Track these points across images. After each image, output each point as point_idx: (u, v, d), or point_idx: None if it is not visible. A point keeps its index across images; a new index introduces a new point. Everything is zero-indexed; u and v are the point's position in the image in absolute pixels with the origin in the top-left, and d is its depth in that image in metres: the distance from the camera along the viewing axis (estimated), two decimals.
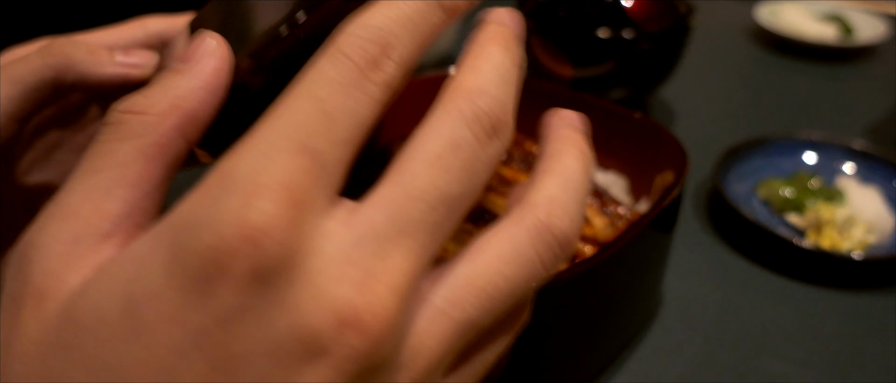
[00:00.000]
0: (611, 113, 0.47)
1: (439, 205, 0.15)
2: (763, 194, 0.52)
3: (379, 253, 0.14)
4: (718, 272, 0.47)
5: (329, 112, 0.15)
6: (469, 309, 0.16)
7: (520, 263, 0.17)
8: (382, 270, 0.14)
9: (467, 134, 0.16)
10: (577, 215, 0.17)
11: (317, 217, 0.14)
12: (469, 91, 0.16)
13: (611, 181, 0.47)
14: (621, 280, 0.36)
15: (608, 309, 0.36)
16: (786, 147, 0.56)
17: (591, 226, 0.42)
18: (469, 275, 0.16)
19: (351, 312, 0.14)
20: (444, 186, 0.15)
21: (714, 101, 0.72)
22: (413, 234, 0.15)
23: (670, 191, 0.37)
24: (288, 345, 0.13)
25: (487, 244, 0.17)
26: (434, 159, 0.15)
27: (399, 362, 0.15)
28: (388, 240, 0.15)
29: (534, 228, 0.17)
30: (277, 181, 0.14)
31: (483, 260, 0.17)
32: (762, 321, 0.43)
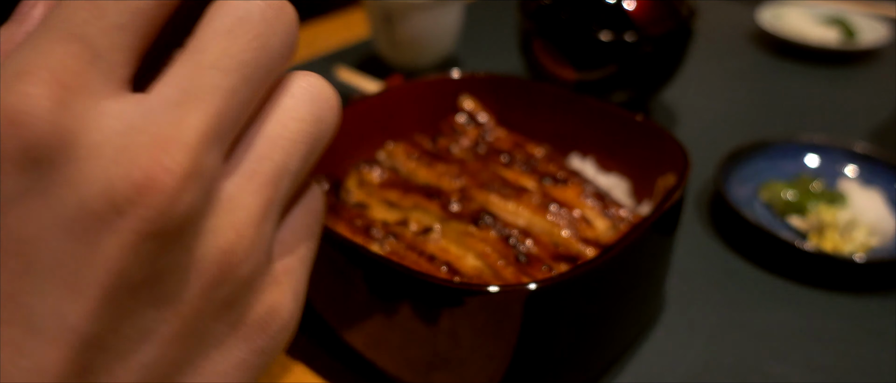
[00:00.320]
0: (613, 116, 0.47)
1: (231, 71, 0.16)
2: (765, 197, 0.52)
3: (171, 119, 0.15)
4: (720, 275, 0.47)
5: (98, 2, 0.15)
6: (276, 157, 0.17)
7: (304, 99, 0.18)
8: (175, 133, 0.14)
9: (256, 8, 0.16)
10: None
11: (95, 98, 0.14)
12: None
13: (613, 184, 0.47)
14: (623, 282, 0.36)
15: (610, 312, 0.36)
16: (788, 150, 0.56)
17: (593, 228, 0.42)
18: (264, 131, 0.17)
19: (142, 174, 0.14)
20: (236, 53, 0.16)
21: (716, 104, 0.72)
22: (205, 98, 0.15)
23: (672, 193, 0.37)
24: (80, 218, 0.14)
25: (271, 101, 0.18)
26: (224, 32, 0.16)
27: (216, 223, 0.16)
28: (179, 106, 0.15)
29: (297, 76, 0.19)
30: (41, 66, 0.14)
31: (271, 114, 0.18)
32: (764, 324, 0.43)
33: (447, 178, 0.45)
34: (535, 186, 0.44)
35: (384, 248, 0.39)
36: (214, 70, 0.15)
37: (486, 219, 0.40)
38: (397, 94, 0.50)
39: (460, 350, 0.33)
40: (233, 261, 0.16)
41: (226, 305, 0.16)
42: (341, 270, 0.35)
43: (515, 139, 0.50)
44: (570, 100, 0.49)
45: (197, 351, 0.16)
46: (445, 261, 0.38)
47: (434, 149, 0.49)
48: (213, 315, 0.16)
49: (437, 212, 0.42)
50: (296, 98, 0.18)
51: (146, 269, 0.14)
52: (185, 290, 0.15)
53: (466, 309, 0.32)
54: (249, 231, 0.16)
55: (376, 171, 0.46)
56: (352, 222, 0.41)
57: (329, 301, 0.38)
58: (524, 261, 0.38)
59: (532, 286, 0.31)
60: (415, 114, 0.51)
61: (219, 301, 0.16)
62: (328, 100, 0.19)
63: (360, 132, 0.48)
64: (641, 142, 0.45)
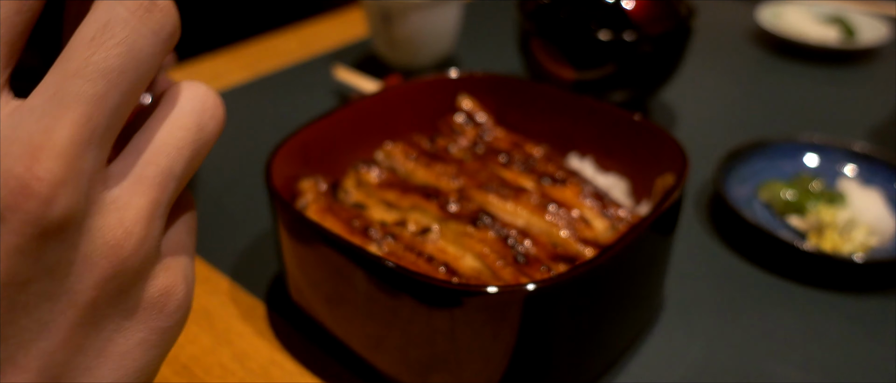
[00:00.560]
0: (611, 115, 0.47)
1: (96, 79, 0.16)
2: (764, 197, 0.52)
3: (41, 127, 0.16)
4: (720, 275, 0.47)
5: None
6: (162, 163, 0.19)
7: (189, 110, 0.20)
8: (45, 141, 0.15)
9: (122, 12, 0.17)
10: None
11: None
12: None
13: (612, 184, 0.47)
14: (622, 283, 0.36)
15: (609, 312, 0.36)
16: (787, 149, 0.56)
17: (592, 228, 0.42)
18: (151, 138, 0.19)
19: (17, 183, 0.15)
20: (99, 61, 0.17)
21: (715, 104, 0.72)
22: (74, 107, 0.16)
23: (671, 193, 0.37)
24: None
25: (159, 109, 0.19)
26: (89, 41, 0.17)
27: (104, 221, 0.17)
28: (48, 115, 0.16)
29: (185, 86, 0.20)
30: None
31: (158, 121, 0.19)
32: (764, 323, 0.43)
33: (445, 179, 0.45)
34: (534, 186, 0.44)
35: (382, 249, 0.39)
36: (78, 78, 0.16)
37: (484, 219, 0.40)
38: (395, 93, 0.50)
39: (459, 350, 0.33)
40: (122, 256, 0.17)
41: (121, 293, 0.18)
42: (339, 271, 0.35)
43: (514, 139, 0.50)
44: (569, 99, 0.49)
45: (98, 336, 0.18)
46: (443, 261, 0.38)
47: (432, 150, 0.49)
48: (110, 302, 0.18)
49: (436, 212, 0.42)
50: (181, 108, 0.20)
51: (34, 268, 0.16)
52: (78, 283, 0.17)
53: (465, 310, 0.32)
54: (138, 227, 0.18)
55: (374, 172, 0.46)
56: (350, 223, 0.41)
57: (327, 302, 0.38)
58: (523, 261, 0.38)
59: (530, 286, 0.31)
60: (413, 115, 0.51)
61: (113, 290, 0.17)
62: (212, 110, 0.20)
63: (357, 132, 0.48)
64: (640, 142, 0.45)
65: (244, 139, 0.64)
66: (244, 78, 0.76)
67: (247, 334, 0.42)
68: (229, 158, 0.61)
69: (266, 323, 0.43)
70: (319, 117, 0.45)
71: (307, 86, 0.74)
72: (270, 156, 0.41)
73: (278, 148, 0.42)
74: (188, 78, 0.74)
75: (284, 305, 0.44)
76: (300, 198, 0.44)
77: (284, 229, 0.38)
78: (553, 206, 0.41)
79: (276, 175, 0.40)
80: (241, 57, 0.82)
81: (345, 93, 0.72)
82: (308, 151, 0.45)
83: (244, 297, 0.45)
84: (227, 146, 0.63)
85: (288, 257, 0.40)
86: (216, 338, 0.42)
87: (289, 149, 0.43)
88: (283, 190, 0.42)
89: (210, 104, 0.20)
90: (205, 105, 0.20)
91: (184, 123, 0.19)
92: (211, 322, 0.43)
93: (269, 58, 0.81)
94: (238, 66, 0.79)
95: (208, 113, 0.20)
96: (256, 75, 0.77)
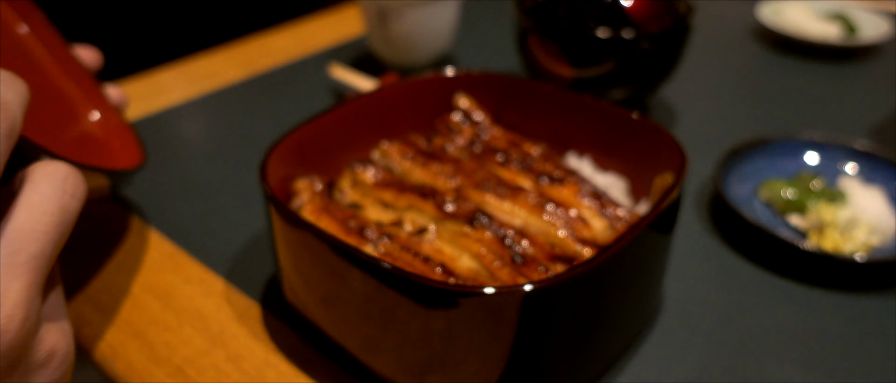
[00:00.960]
0: (610, 114, 0.46)
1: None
2: (765, 195, 0.52)
3: None
4: (720, 274, 0.47)
5: None
6: (32, 249, 0.21)
7: (50, 195, 0.22)
8: None
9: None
10: None
11: None
12: None
13: (610, 183, 0.46)
14: (621, 283, 0.36)
15: (608, 313, 0.36)
16: (787, 147, 0.55)
17: (590, 228, 0.41)
18: (18, 227, 0.21)
19: None
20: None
21: (715, 101, 0.71)
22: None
23: (669, 192, 0.37)
24: None
25: (21, 197, 0.22)
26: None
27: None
28: None
29: (43, 170, 0.23)
30: None
31: (22, 210, 0.22)
32: (764, 323, 0.43)
33: (442, 178, 0.45)
34: (532, 186, 0.44)
35: (378, 250, 0.38)
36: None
37: (481, 219, 0.40)
38: (391, 92, 0.50)
39: (456, 352, 0.33)
40: (8, 338, 0.20)
41: (14, 366, 0.21)
42: (335, 272, 0.35)
43: (511, 138, 0.50)
44: (567, 98, 0.48)
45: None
46: (440, 262, 0.38)
47: (429, 149, 0.48)
48: (8, 374, 0.21)
49: (432, 212, 0.41)
50: (43, 194, 0.22)
51: None
52: None
53: (462, 311, 0.31)
54: (18, 310, 0.20)
55: (370, 171, 0.46)
56: (345, 223, 0.40)
57: (322, 303, 0.38)
58: (520, 261, 0.38)
59: (528, 287, 0.31)
60: (409, 113, 0.51)
61: (7, 366, 0.20)
62: (72, 190, 0.23)
63: (353, 132, 0.48)
64: (639, 141, 0.45)
65: (239, 138, 0.64)
66: (240, 76, 0.76)
67: (241, 335, 0.41)
68: (224, 158, 0.60)
69: (261, 325, 0.42)
70: (315, 116, 0.45)
71: (303, 84, 0.74)
72: (265, 156, 0.40)
73: (273, 147, 0.41)
74: (183, 76, 0.74)
75: (279, 306, 0.43)
76: (295, 198, 0.43)
77: (279, 230, 0.38)
78: (551, 206, 0.41)
79: (271, 175, 0.39)
80: (237, 55, 0.81)
81: (341, 91, 0.71)
82: (303, 151, 0.44)
83: (239, 298, 0.44)
84: (222, 145, 0.63)
85: (283, 258, 0.39)
86: (210, 340, 0.41)
87: (284, 148, 0.42)
88: (279, 190, 0.41)
89: (70, 185, 0.23)
90: (64, 187, 0.22)
91: (47, 209, 0.22)
92: (205, 324, 0.42)
93: (265, 56, 0.81)
94: (233, 65, 0.79)
95: (68, 193, 0.22)
96: (252, 73, 0.76)
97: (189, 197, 0.55)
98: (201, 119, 0.68)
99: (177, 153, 0.62)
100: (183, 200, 0.54)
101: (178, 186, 0.56)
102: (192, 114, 0.69)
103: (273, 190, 0.38)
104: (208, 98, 0.71)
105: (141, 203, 0.54)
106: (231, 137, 0.64)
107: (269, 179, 0.39)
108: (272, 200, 0.37)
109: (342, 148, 0.47)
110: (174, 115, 0.68)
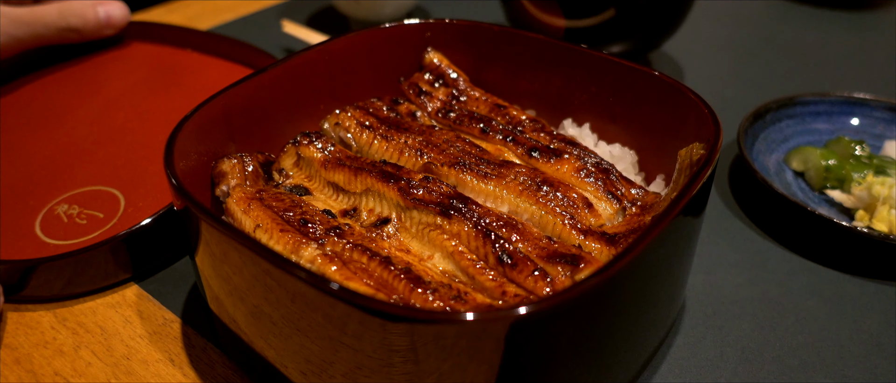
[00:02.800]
0: (617, 70, 0.38)
1: None
2: (797, 166, 0.44)
3: None
4: (750, 264, 0.39)
5: None
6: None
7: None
8: None
9: None
10: None
11: None
12: None
13: (617, 155, 0.38)
14: (639, 292, 0.27)
15: (622, 330, 0.28)
16: (821, 108, 0.47)
17: (596, 214, 0.32)
18: None
19: None
20: None
21: (729, 57, 0.63)
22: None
23: (703, 168, 0.28)
24: None
25: None
26: None
27: None
28: None
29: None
30: None
31: None
32: (812, 328, 0.34)
33: (409, 153, 0.36)
34: (521, 161, 0.35)
35: (324, 250, 0.30)
36: None
37: (458, 206, 0.31)
38: (347, 46, 0.40)
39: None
40: None
41: None
42: (266, 289, 0.26)
43: (495, 101, 0.41)
44: (562, 52, 0.39)
45: None
46: (405, 264, 0.29)
47: (393, 117, 0.39)
48: None
49: (395, 197, 0.32)
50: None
51: None
52: None
53: (430, 342, 0.23)
54: None
55: (319, 146, 0.36)
56: (283, 215, 0.31)
57: (253, 319, 0.29)
58: (508, 262, 0.29)
59: (522, 310, 0.22)
60: (369, 73, 0.42)
61: None
62: None
63: (298, 96, 0.38)
64: (653, 104, 0.36)
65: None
66: None
67: (154, 361, 0.33)
68: None
69: (180, 345, 0.33)
70: (246, 77, 0.35)
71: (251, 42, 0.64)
72: (173, 133, 0.31)
73: (186, 120, 0.32)
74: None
75: (207, 321, 0.34)
76: (220, 184, 0.34)
77: (191, 230, 0.28)
78: (546, 187, 0.32)
79: (185, 154, 0.30)
80: (179, 10, 0.71)
81: (294, 51, 0.61)
82: (231, 121, 0.35)
83: (155, 311, 0.35)
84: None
85: (201, 264, 0.30)
86: (113, 367, 0.32)
87: (202, 120, 0.33)
88: (197, 173, 0.32)
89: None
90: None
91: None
92: (108, 345, 0.33)
93: (212, 13, 0.70)
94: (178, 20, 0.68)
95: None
96: None
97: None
98: None
99: None
100: None
101: None
102: None
103: (179, 175, 0.29)
104: None
105: None
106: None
107: (176, 162, 0.29)
108: (178, 191, 0.28)
109: (283, 117, 0.38)
110: None
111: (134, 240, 0.37)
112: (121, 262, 0.37)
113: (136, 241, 0.37)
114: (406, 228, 0.32)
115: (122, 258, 0.37)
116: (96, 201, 0.40)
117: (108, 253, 0.36)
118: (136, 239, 0.37)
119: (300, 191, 0.36)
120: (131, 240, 0.37)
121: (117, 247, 0.36)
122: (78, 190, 0.41)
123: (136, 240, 0.37)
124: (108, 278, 0.37)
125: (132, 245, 0.37)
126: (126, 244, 0.36)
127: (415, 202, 0.32)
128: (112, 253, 0.36)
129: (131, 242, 0.37)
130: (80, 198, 0.41)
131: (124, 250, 0.37)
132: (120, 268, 0.37)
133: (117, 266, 0.37)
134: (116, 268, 0.37)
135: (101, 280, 0.36)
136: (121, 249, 0.36)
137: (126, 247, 0.36)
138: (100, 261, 0.36)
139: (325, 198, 0.35)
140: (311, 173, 0.36)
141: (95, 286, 0.36)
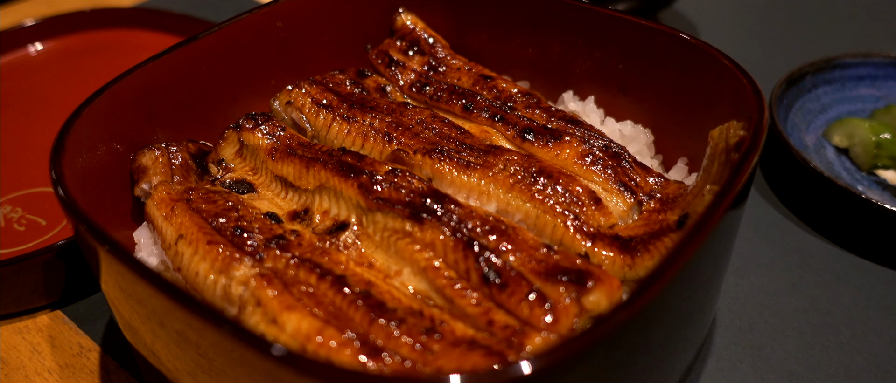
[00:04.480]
0: (628, 30, 0.31)
1: None
2: (840, 141, 0.37)
3: None
4: (790, 264, 0.33)
5: None
6: None
7: None
8: None
9: None
10: None
11: None
12: None
13: (629, 135, 0.31)
14: (665, 324, 0.21)
15: (646, 366, 0.21)
16: (865, 71, 0.41)
17: (605, 210, 0.26)
18: None
19: None
20: None
21: (748, 13, 0.56)
22: None
23: (749, 154, 0.22)
24: None
25: None
26: None
27: None
28: None
29: None
30: None
31: None
32: (875, 346, 0.28)
33: (375, 139, 0.29)
34: (512, 145, 0.28)
35: (262, 267, 0.23)
36: None
37: (432, 207, 0.24)
38: (302, 7, 0.34)
39: None
40: None
41: None
42: (176, 332, 0.20)
43: (480, 71, 0.34)
44: (561, 9, 0.33)
45: None
46: (365, 284, 0.23)
47: (358, 93, 0.32)
48: None
49: (355, 196, 0.26)
50: None
51: None
52: None
53: None
54: None
55: (266, 130, 0.30)
56: (215, 221, 0.25)
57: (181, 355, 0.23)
58: (496, 281, 0.23)
59: (525, 368, 0.16)
60: (329, 41, 0.36)
61: None
62: None
63: (241, 71, 0.33)
64: (673, 72, 0.30)
65: None
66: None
67: None
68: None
69: (98, 378, 0.27)
70: (172, 47, 0.29)
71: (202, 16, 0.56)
72: (66, 125, 0.24)
73: (84, 106, 0.25)
74: None
75: (127, 350, 0.28)
76: (141, 181, 0.27)
77: (89, 254, 0.22)
78: (543, 179, 0.26)
79: (87, 149, 0.24)
80: None
81: None
82: (155, 103, 0.29)
83: (70, 337, 0.29)
84: None
85: (106, 289, 0.24)
86: None
87: (113, 102, 0.27)
88: (112, 170, 0.26)
89: None
90: None
91: None
92: (9, 380, 0.27)
93: None
94: None
95: None
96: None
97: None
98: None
99: None
100: None
101: None
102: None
103: (69, 183, 0.22)
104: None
105: None
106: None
107: (67, 161, 0.23)
108: (65, 204, 0.21)
109: (223, 96, 0.32)
110: None
111: (69, 255, 0.30)
112: (49, 283, 0.30)
113: (72, 257, 0.30)
114: (368, 236, 0.26)
115: (55, 276, 0.30)
116: (43, 205, 0.36)
117: (38, 269, 0.29)
118: (70, 254, 0.30)
119: (242, 187, 0.29)
120: (67, 255, 0.30)
121: (51, 262, 0.30)
122: (25, 191, 0.37)
123: (70, 256, 0.30)
124: (31, 302, 0.30)
125: (69, 261, 0.30)
126: (63, 261, 0.30)
127: (379, 202, 0.26)
128: (43, 269, 0.30)
129: (68, 257, 0.30)
130: (25, 201, 0.36)
131: (61, 268, 0.30)
132: (46, 290, 0.30)
133: (45, 287, 0.30)
134: (44, 289, 0.30)
135: (23, 302, 0.30)
136: (56, 266, 0.30)
137: (63, 264, 0.30)
138: (24, 281, 0.29)
139: (272, 195, 0.29)
140: (256, 165, 0.30)
141: (11, 310, 0.30)
